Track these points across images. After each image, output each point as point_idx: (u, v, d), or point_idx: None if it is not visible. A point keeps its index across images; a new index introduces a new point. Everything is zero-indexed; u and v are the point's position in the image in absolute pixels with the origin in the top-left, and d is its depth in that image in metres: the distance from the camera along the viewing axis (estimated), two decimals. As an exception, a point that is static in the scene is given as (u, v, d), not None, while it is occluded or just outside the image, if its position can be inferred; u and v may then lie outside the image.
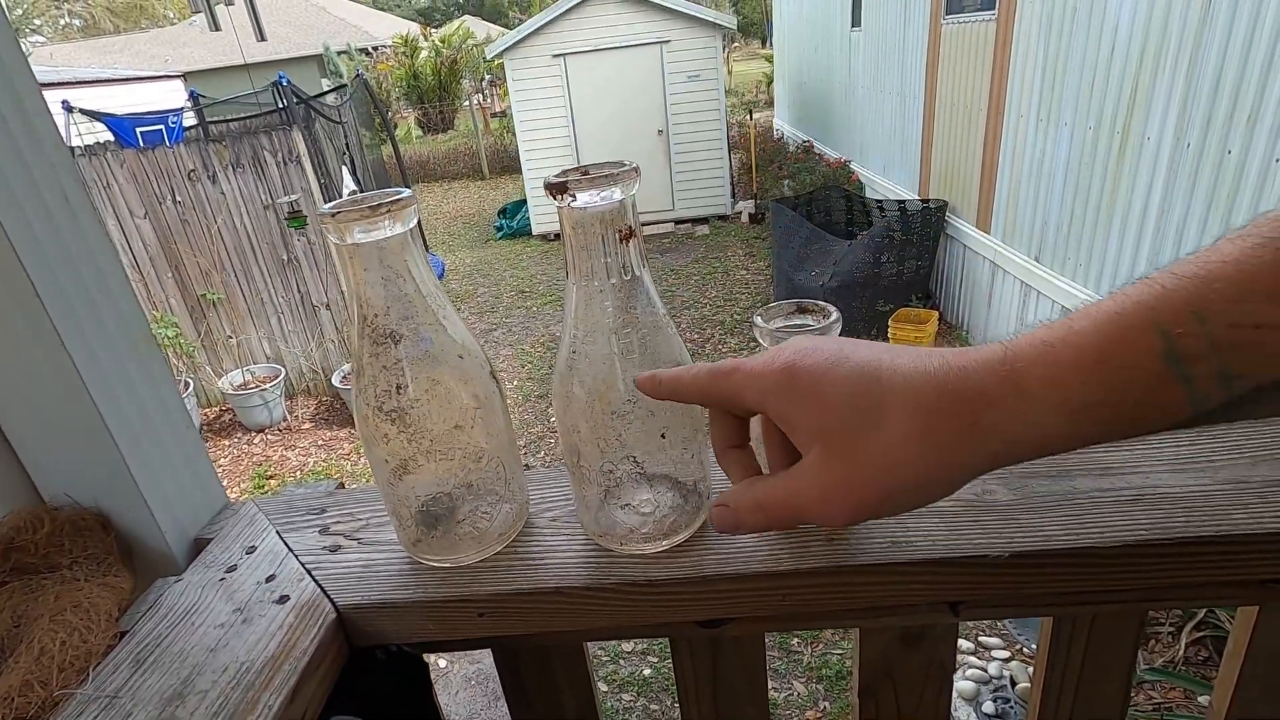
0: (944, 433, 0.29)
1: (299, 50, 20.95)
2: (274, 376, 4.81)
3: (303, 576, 0.52)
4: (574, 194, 0.40)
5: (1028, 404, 0.28)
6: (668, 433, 0.46)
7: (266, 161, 4.42)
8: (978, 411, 0.29)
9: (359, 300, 0.45)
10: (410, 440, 0.46)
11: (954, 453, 0.30)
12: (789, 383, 0.33)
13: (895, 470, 0.31)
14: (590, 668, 0.64)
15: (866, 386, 0.31)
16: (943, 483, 0.31)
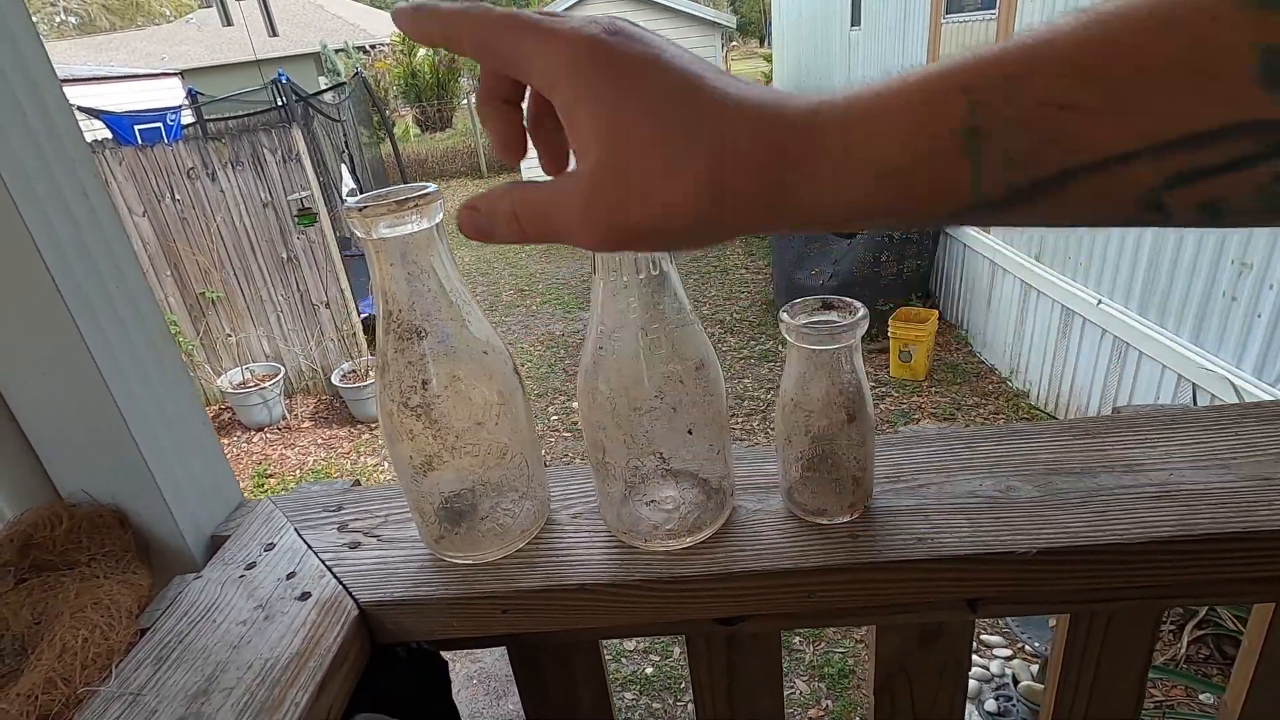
0: (746, 189, 0.26)
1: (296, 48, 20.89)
2: (273, 375, 4.79)
3: (323, 573, 0.52)
4: (603, 189, 0.40)
5: (822, 162, 0.25)
6: (694, 429, 0.46)
7: (266, 160, 4.41)
8: (779, 168, 0.26)
9: (384, 295, 0.45)
10: (435, 436, 0.46)
11: (746, 210, 0.27)
12: (595, 63, 0.26)
13: (681, 212, 0.26)
14: (605, 665, 0.64)
15: (678, 103, 0.26)
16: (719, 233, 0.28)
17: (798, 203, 0.26)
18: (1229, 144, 0.20)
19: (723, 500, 0.50)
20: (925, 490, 0.52)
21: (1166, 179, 0.22)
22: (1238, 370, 2.58)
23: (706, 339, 0.47)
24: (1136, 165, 0.22)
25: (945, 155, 0.24)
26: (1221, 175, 0.21)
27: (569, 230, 0.29)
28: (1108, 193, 0.23)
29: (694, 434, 0.46)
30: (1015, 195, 0.24)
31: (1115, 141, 0.22)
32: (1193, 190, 0.22)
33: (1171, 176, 0.22)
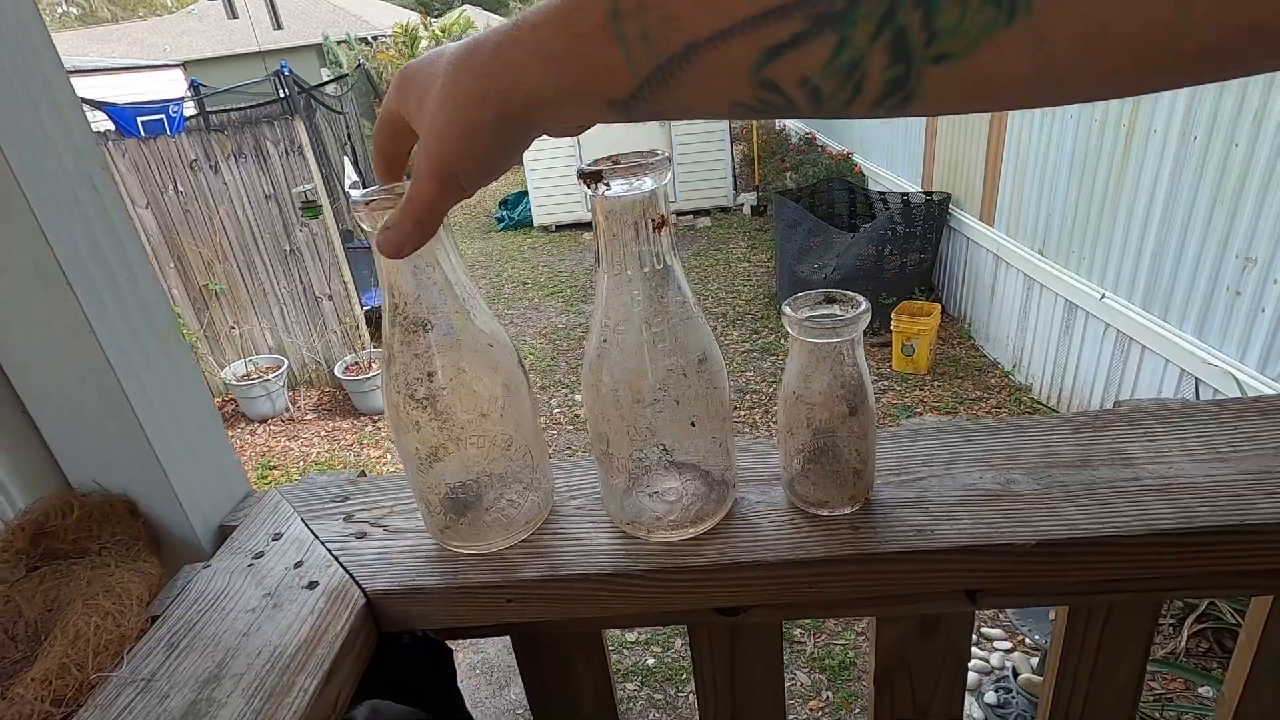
0: (463, 91, 0.33)
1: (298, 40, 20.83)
2: (276, 367, 4.81)
3: (330, 563, 0.53)
4: (608, 182, 0.41)
5: (517, 50, 0.31)
6: (697, 421, 0.46)
7: (269, 151, 4.40)
8: (486, 67, 0.32)
9: (390, 288, 0.45)
10: (440, 428, 0.46)
11: (473, 110, 0.33)
12: (402, 78, 0.37)
13: (444, 137, 0.34)
14: (608, 655, 0.65)
15: (429, 70, 0.35)
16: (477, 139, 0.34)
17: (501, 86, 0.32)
18: (787, 19, 0.24)
19: (725, 492, 0.51)
20: (926, 482, 0.53)
21: (760, 54, 0.25)
22: (1241, 365, 2.58)
23: (710, 332, 0.47)
24: (734, 42, 0.25)
25: (598, 38, 0.28)
26: (795, 51, 0.24)
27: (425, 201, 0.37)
28: (724, 68, 0.26)
29: (697, 426, 0.46)
30: (660, 73, 0.27)
31: (710, 19, 0.25)
32: (784, 66, 0.25)
33: (762, 53, 0.25)
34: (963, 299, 4.84)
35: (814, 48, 0.24)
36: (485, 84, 0.32)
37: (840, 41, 0.24)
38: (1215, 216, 2.65)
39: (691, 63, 0.26)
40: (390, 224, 0.38)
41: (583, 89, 0.30)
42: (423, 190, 0.36)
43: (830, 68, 0.24)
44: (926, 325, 4.25)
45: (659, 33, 0.26)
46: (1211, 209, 2.67)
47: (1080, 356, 3.54)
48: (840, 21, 0.23)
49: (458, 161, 0.35)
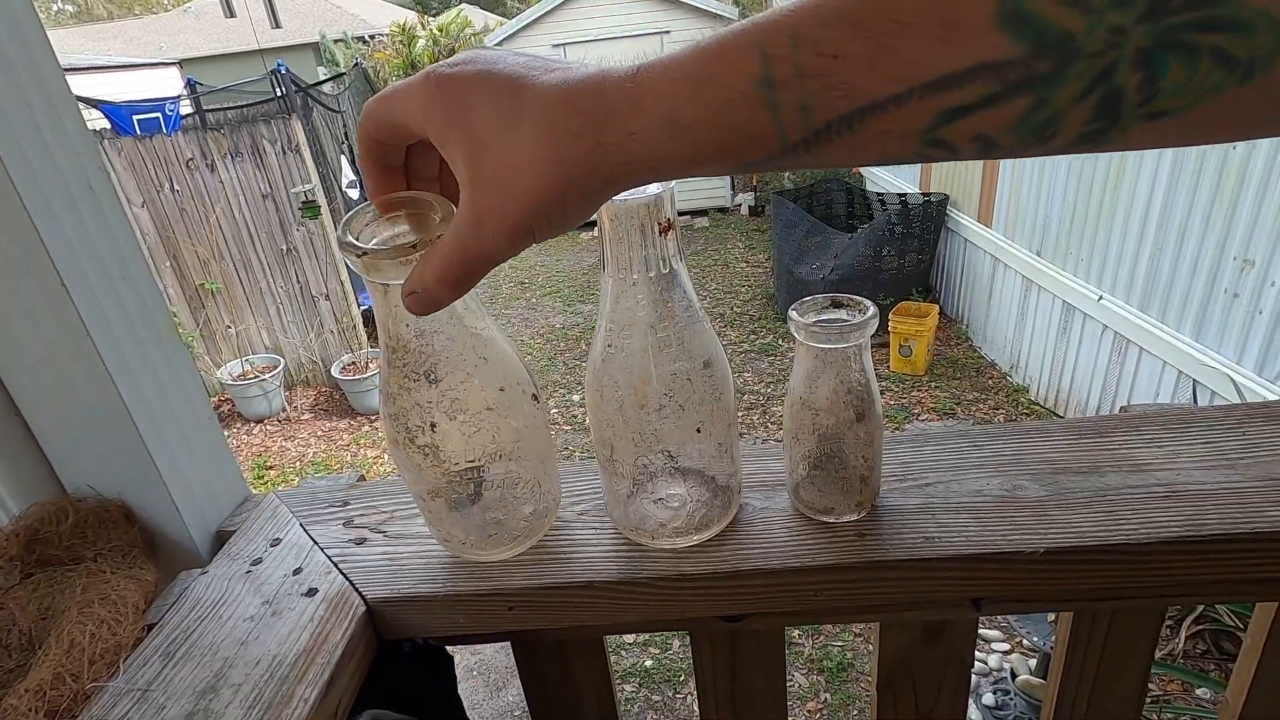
0: (573, 154, 0.29)
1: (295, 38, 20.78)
2: (273, 367, 4.79)
3: (330, 569, 0.52)
4: (614, 186, 0.40)
5: (642, 119, 0.28)
6: (703, 427, 0.46)
7: (266, 150, 4.39)
8: (602, 131, 0.29)
9: (388, 333, 0.43)
10: (444, 474, 0.46)
11: (582, 174, 0.30)
12: (435, 95, 0.31)
13: (534, 194, 0.30)
14: (609, 661, 0.64)
15: (508, 105, 0.30)
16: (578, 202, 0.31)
17: (621, 157, 0.29)
18: (976, 84, 0.23)
19: (730, 498, 0.50)
20: (932, 489, 0.52)
21: (937, 117, 0.24)
22: (1238, 367, 2.59)
23: (715, 337, 0.46)
24: (908, 105, 0.24)
25: (746, 106, 0.26)
26: (979, 112, 0.24)
27: (479, 251, 0.32)
28: (893, 130, 0.25)
29: (702, 432, 0.45)
30: (816, 137, 0.26)
31: (883, 85, 0.24)
32: (962, 126, 0.24)
33: (940, 115, 0.24)
34: (960, 300, 4.84)
35: (1002, 110, 0.23)
36: (600, 154, 0.29)
37: (1036, 103, 0.22)
38: (1213, 218, 2.66)
39: (854, 127, 0.25)
40: (420, 285, 0.33)
41: (710, 157, 0.28)
42: (485, 246, 0.31)
43: (1018, 127, 0.23)
44: (924, 326, 4.25)
45: (821, 101, 0.25)
46: (1209, 210, 2.68)
47: (1078, 358, 3.55)
48: (1043, 84, 0.22)
49: (546, 223, 0.31)
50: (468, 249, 0.32)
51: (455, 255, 0.32)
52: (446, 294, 0.34)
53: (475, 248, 0.32)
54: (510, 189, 0.30)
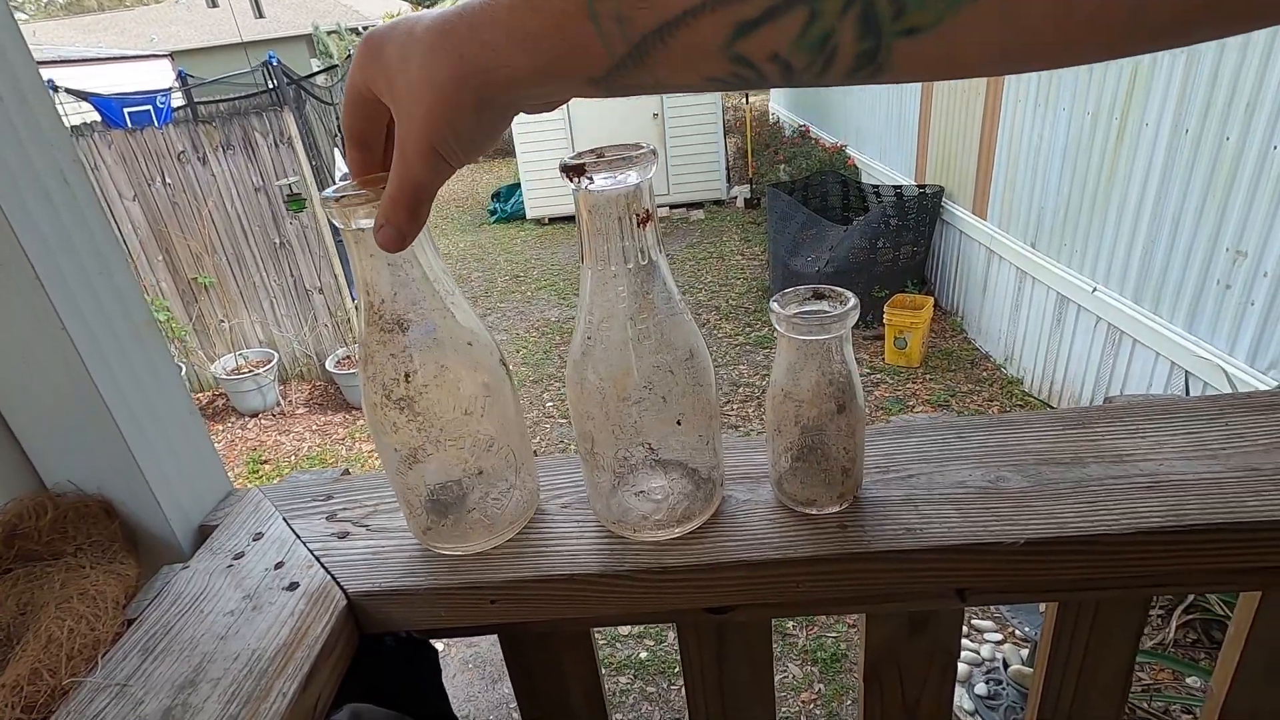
0: (442, 70, 0.32)
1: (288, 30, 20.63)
2: (267, 361, 4.77)
3: (311, 563, 0.52)
4: (590, 176, 0.40)
5: (493, 31, 0.31)
6: (684, 419, 0.45)
7: (258, 143, 4.36)
8: (465, 44, 0.32)
9: (366, 286, 0.44)
10: (419, 429, 0.45)
11: (453, 87, 0.32)
12: (368, 51, 0.36)
13: (422, 114, 0.33)
14: (596, 653, 0.64)
15: (405, 40, 0.34)
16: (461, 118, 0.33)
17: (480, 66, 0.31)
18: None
19: (712, 490, 0.50)
20: (915, 480, 0.52)
21: (731, 30, 0.25)
22: (1230, 358, 2.59)
23: (696, 329, 0.46)
24: (704, 19, 0.26)
25: (572, 19, 0.28)
26: (765, 26, 0.25)
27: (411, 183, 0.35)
28: (697, 45, 0.26)
29: (683, 424, 0.45)
30: (637, 52, 0.28)
31: None
32: (755, 42, 0.26)
33: (733, 29, 0.25)
34: (955, 292, 4.85)
35: (784, 23, 0.25)
36: (463, 65, 0.32)
37: (810, 16, 0.24)
38: (1206, 210, 2.66)
39: (665, 41, 0.27)
40: (384, 218, 0.37)
41: (560, 68, 0.30)
42: (410, 170, 0.35)
43: (801, 42, 0.25)
44: (919, 318, 4.25)
45: (632, 12, 0.27)
46: (1203, 202, 2.68)
47: (1072, 349, 3.56)
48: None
49: (442, 141, 0.34)
50: (401, 176, 0.35)
51: (395, 184, 0.36)
52: (404, 221, 0.37)
53: (405, 173, 0.35)
54: (411, 113, 0.34)
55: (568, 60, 0.30)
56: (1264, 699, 0.63)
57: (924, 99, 5.13)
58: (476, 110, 0.33)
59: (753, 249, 6.90)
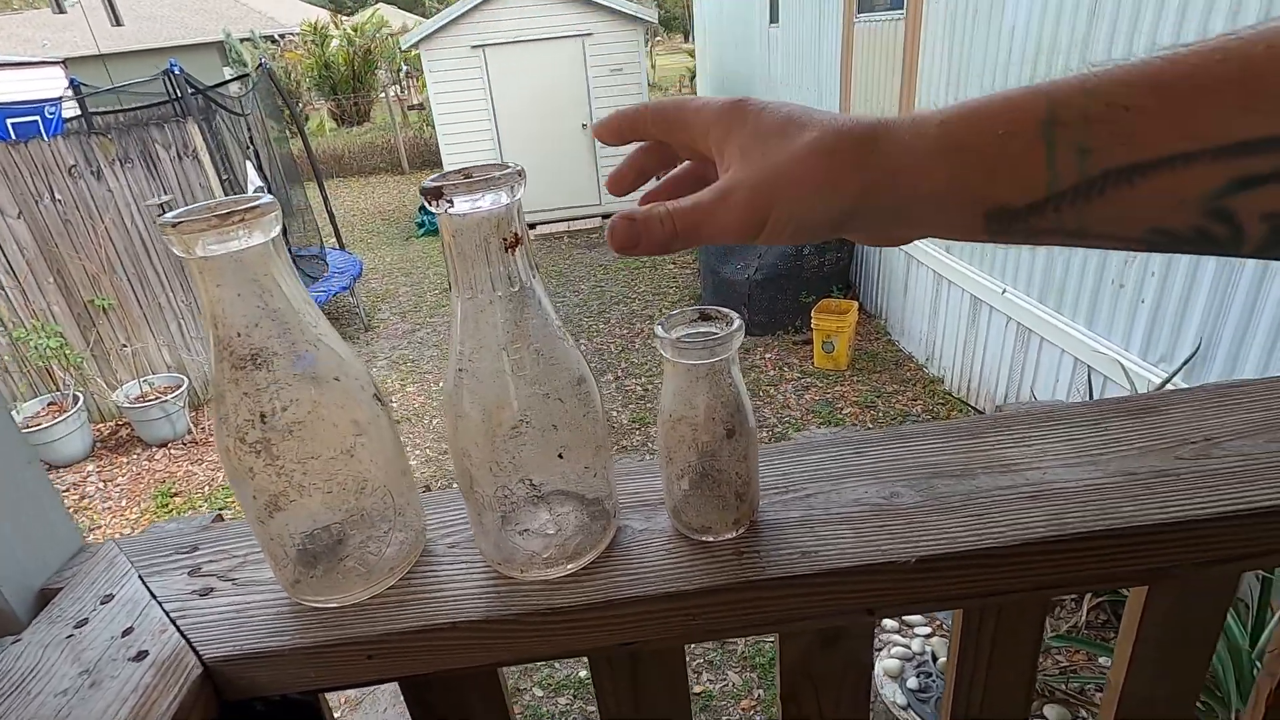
0: (842, 152, 0.31)
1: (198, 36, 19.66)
2: (176, 387, 4.49)
3: (165, 627, 0.47)
4: (450, 199, 0.37)
5: (914, 136, 0.30)
6: (565, 452, 0.43)
7: (159, 156, 4.11)
8: (877, 139, 0.31)
9: (214, 319, 0.40)
10: (279, 474, 0.42)
11: (846, 170, 0.31)
12: (735, 111, 0.35)
13: (793, 176, 0.32)
14: (506, 694, 0.61)
15: (798, 119, 0.33)
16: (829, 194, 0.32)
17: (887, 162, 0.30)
18: (1274, 155, 0.23)
19: (606, 523, 0.48)
20: (813, 500, 0.51)
21: (1227, 182, 0.24)
22: (1126, 353, 2.77)
23: (579, 355, 0.44)
24: (1197, 166, 0.24)
25: (1023, 139, 0.27)
26: (1272, 185, 0.24)
27: (714, 217, 0.34)
28: (1174, 191, 0.25)
29: (566, 457, 0.43)
30: (1088, 186, 0.26)
31: (1174, 141, 0.24)
32: (1251, 199, 0.24)
33: (1232, 181, 0.24)
34: (878, 296, 5.02)
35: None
36: (865, 157, 0.30)
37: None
38: (1099, 214, 2.83)
39: (1132, 181, 0.25)
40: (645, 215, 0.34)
41: (979, 188, 0.29)
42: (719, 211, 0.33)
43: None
44: (845, 323, 4.38)
45: (1102, 144, 0.25)
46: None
47: (986, 349, 3.73)
48: None
49: (786, 205, 0.32)
50: (702, 205, 0.34)
51: (688, 207, 0.34)
52: (656, 229, 0.34)
53: (709, 206, 0.33)
54: (771, 168, 0.32)
55: (993, 181, 0.28)
56: (1158, 687, 0.66)
57: (842, 103, 5.31)
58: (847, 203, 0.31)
59: (685, 257, 6.97)
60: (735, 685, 2.45)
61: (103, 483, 4.13)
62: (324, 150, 14.02)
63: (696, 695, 2.44)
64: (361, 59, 17.97)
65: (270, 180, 5.93)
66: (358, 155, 14.22)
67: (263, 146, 6.06)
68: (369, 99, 18.47)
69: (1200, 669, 0.66)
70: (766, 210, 0.32)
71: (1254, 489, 0.47)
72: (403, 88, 18.16)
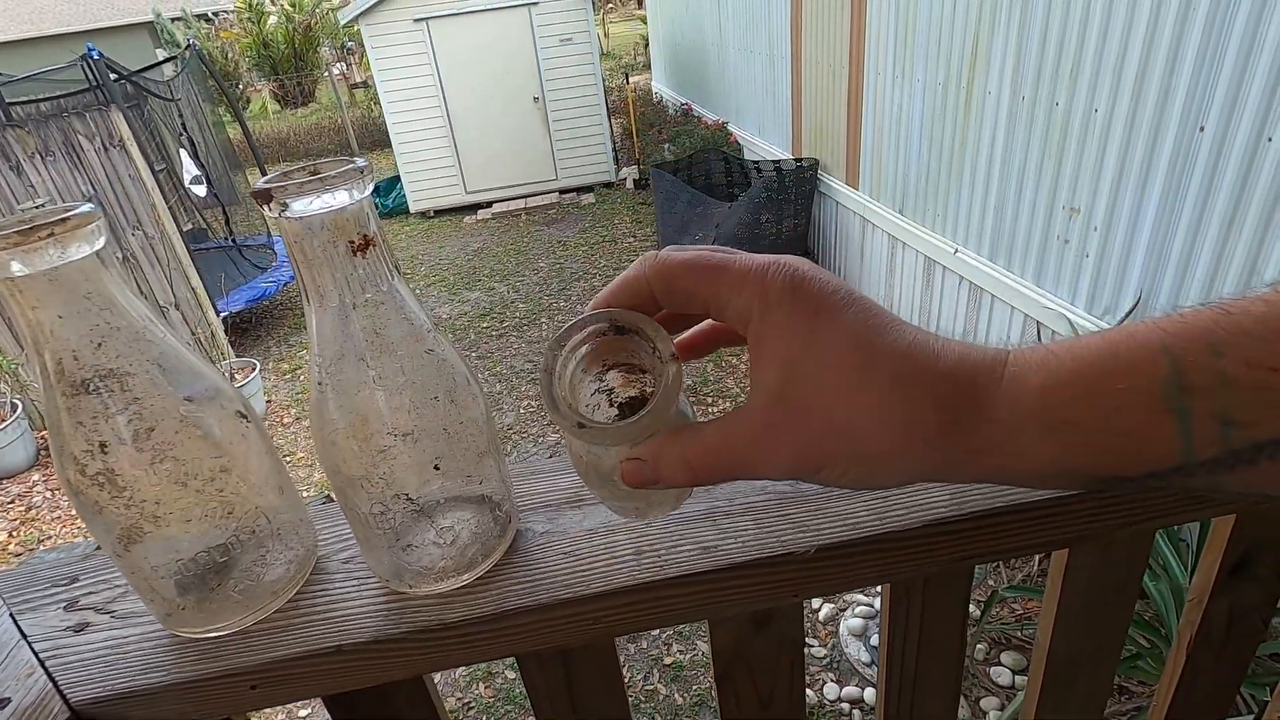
0: (922, 420, 0.26)
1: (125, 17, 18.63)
2: (123, 388, 4.33)
3: (33, 669, 0.44)
4: (284, 202, 0.34)
5: (1010, 408, 0.26)
6: (442, 463, 0.41)
7: (83, 147, 3.90)
8: (962, 408, 0.26)
9: (37, 343, 0.37)
10: (128, 505, 0.39)
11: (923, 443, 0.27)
12: (789, 299, 0.28)
13: (857, 438, 0.27)
14: (435, 694, 0.60)
15: (865, 339, 0.27)
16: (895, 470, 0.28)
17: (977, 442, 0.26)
18: None
19: (502, 529, 0.46)
20: (717, 491, 0.50)
21: None
22: (1072, 307, 2.83)
23: (457, 358, 0.42)
24: None
25: (1143, 412, 0.24)
26: None
27: (746, 462, 0.29)
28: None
29: (441, 469, 0.41)
30: (1233, 457, 0.23)
31: None
32: None
33: None
34: (836, 260, 5.04)
35: None
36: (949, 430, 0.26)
37: None
38: (1044, 170, 2.87)
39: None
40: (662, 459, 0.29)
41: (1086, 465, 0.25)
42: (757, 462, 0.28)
43: None
44: (804, 289, 4.39)
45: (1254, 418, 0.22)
46: (1041, 164, 2.89)
47: (941, 308, 3.78)
48: None
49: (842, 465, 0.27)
50: (734, 452, 0.29)
51: (709, 449, 0.29)
52: (671, 474, 0.30)
53: (745, 456, 0.29)
54: (831, 421, 0.27)
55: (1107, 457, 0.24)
56: (1082, 643, 0.67)
57: (794, 74, 5.27)
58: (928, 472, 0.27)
59: (644, 230, 6.92)
60: (705, 655, 2.48)
61: (50, 492, 3.99)
62: (268, 134, 13.51)
63: (667, 667, 2.47)
64: (302, 36, 17.26)
65: (209, 168, 5.69)
66: (304, 138, 13.74)
67: (199, 133, 5.80)
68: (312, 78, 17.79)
69: (1120, 624, 0.67)
70: (815, 467, 0.28)
71: (1151, 456, 0.47)
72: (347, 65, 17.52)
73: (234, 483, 0.42)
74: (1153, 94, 2.31)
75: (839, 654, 2.43)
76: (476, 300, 5.86)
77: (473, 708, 2.44)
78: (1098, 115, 2.55)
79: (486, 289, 6.06)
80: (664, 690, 2.39)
